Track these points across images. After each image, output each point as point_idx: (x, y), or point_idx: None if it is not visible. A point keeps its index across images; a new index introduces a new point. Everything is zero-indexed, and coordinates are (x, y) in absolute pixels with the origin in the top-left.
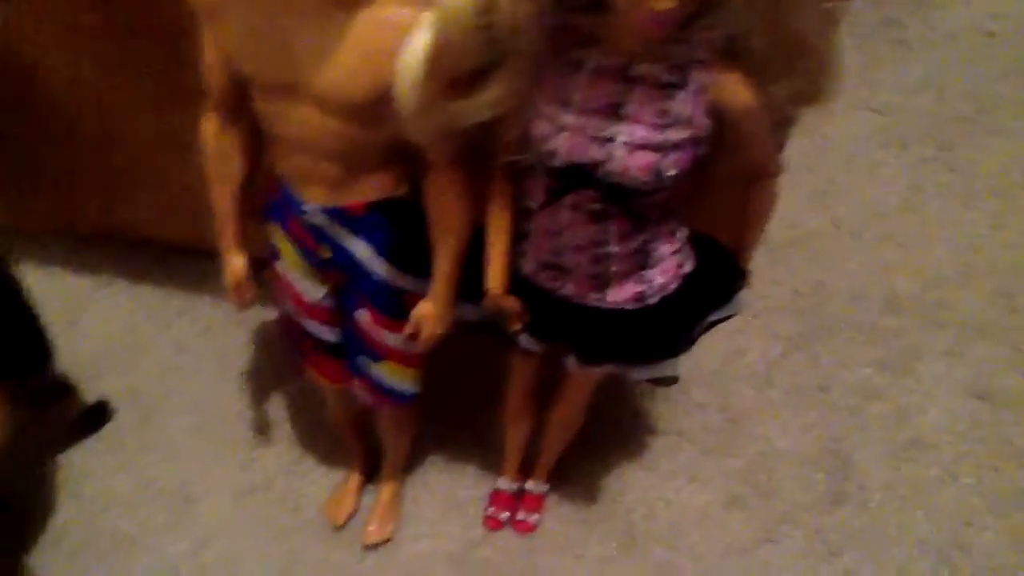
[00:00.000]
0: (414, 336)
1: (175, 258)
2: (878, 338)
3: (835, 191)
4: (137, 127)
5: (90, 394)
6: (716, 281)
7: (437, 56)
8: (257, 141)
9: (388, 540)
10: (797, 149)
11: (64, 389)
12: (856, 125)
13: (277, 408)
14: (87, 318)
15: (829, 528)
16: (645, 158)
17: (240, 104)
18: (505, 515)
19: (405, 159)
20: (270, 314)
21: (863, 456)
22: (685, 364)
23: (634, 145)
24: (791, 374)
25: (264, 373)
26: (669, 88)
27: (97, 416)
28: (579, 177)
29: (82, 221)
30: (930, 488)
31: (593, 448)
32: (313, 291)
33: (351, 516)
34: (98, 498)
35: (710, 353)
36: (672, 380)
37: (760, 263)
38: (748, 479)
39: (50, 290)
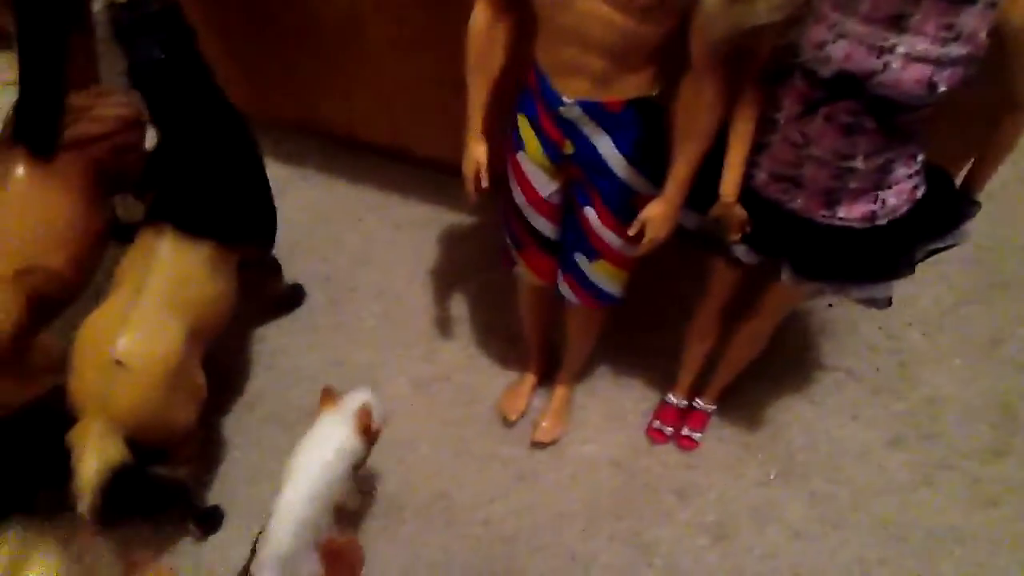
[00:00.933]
0: (636, 238)
1: (369, 157)
2: None
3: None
4: (377, 30)
5: (286, 277)
6: (946, 208)
7: None
8: (520, 36)
9: (557, 440)
10: None
11: (275, 266)
12: None
13: (459, 306)
14: (285, 205)
15: (988, 478)
16: (921, 71)
17: None
18: (670, 429)
19: (667, 59)
20: (456, 218)
21: None
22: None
23: (913, 57)
24: (964, 324)
25: (448, 272)
26: (959, 2)
27: (293, 297)
28: (846, 87)
29: (290, 111)
30: None
31: (763, 377)
32: (546, 185)
33: (523, 414)
34: (290, 373)
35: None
36: (886, 302)
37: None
38: (912, 422)
39: None
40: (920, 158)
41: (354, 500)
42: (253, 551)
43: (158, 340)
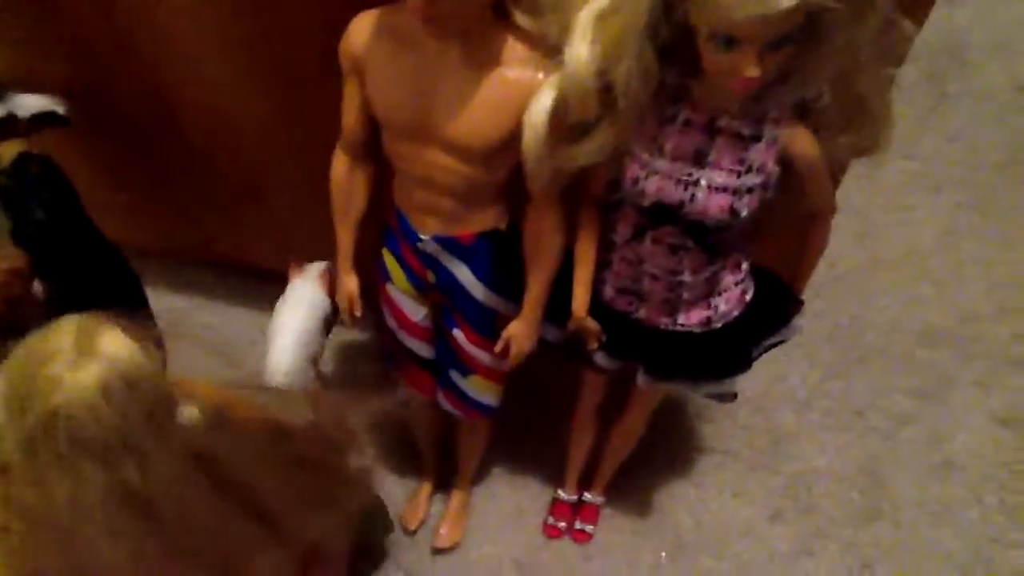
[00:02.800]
0: (503, 353)
1: (264, 282)
2: (912, 368)
3: (874, 232)
4: (273, 166)
5: None
6: (774, 308)
7: (559, 112)
8: (378, 181)
9: (457, 544)
10: (839, 192)
11: None
12: (895, 172)
13: (355, 420)
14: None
15: (863, 543)
16: (723, 200)
17: (368, 146)
18: (564, 524)
19: (511, 195)
20: (352, 335)
21: (895, 476)
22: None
23: (714, 188)
24: (829, 399)
25: (345, 389)
26: (747, 140)
27: None
28: (663, 214)
29: (185, 242)
30: (957, 507)
31: (646, 465)
32: (415, 311)
33: (423, 522)
34: None
35: (754, 378)
36: (731, 396)
37: (803, 296)
38: (788, 495)
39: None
40: (744, 265)
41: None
42: None
43: None
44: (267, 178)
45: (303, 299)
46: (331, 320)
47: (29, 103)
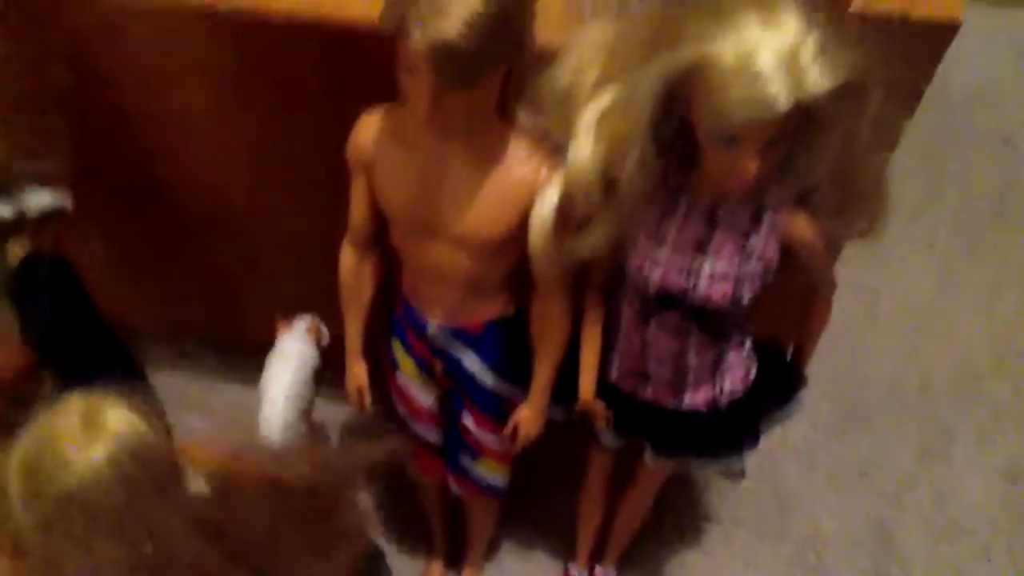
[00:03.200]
0: (512, 437)
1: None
2: (914, 424)
3: (870, 288)
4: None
5: None
6: (778, 384)
7: (565, 208)
8: (385, 271)
9: None
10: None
11: None
12: (889, 229)
13: (364, 500)
14: (189, 416)
15: None
16: (725, 287)
17: (375, 239)
18: None
19: (517, 285)
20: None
21: (904, 537)
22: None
23: (716, 276)
24: (833, 460)
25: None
26: (748, 228)
27: None
28: (667, 301)
29: (187, 321)
30: (966, 567)
31: (656, 536)
32: (425, 398)
33: None
34: None
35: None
36: (740, 473)
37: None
38: (798, 561)
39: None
40: (748, 343)
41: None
42: None
43: None
44: (268, 260)
45: (292, 353)
46: (320, 373)
47: (38, 201)
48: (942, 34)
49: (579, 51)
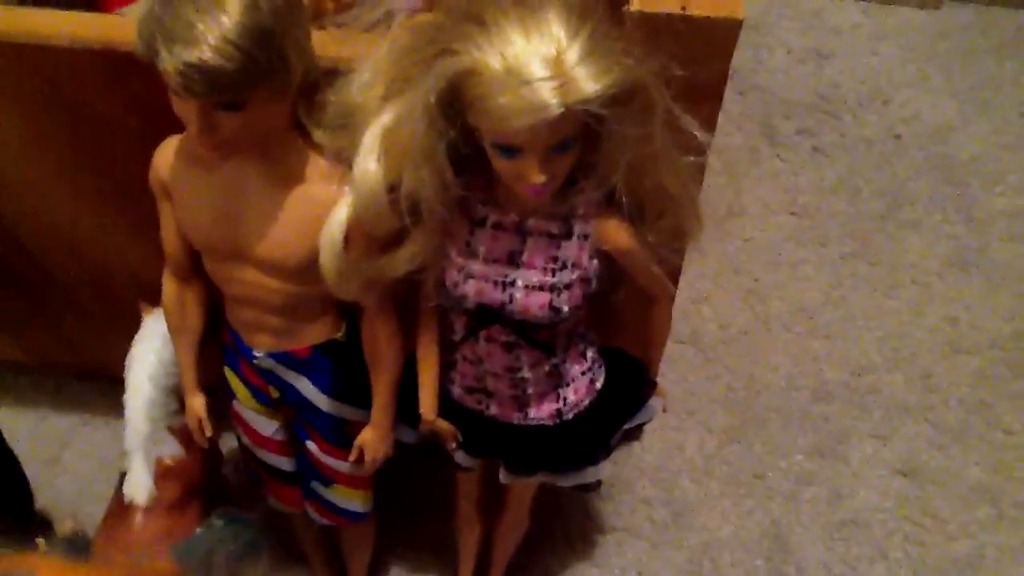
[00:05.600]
0: (359, 460)
1: None
2: (809, 425)
3: (761, 290)
4: (116, 272)
5: (77, 523)
6: (627, 393)
7: (355, 226)
8: (211, 297)
9: None
10: (723, 253)
11: (44, 523)
12: (777, 228)
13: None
14: (69, 456)
15: None
16: (541, 298)
17: (193, 266)
18: None
19: (341, 307)
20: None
21: (799, 539)
22: (628, 462)
23: (531, 287)
24: (728, 464)
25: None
26: (557, 238)
27: (78, 547)
28: (488, 315)
29: (63, 358)
30: (862, 565)
31: (545, 549)
32: (266, 426)
33: None
34: None
35: (651, 450)
36: (595, 486)
37: (693, 361)
38: (693, 570)
39: (36, 429)
40: (591, 353)
41: None
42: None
43: None
44: (116, 287)
45: (156, 333)
46: None
47: None
48: (726, 31)
49: (368, 66)
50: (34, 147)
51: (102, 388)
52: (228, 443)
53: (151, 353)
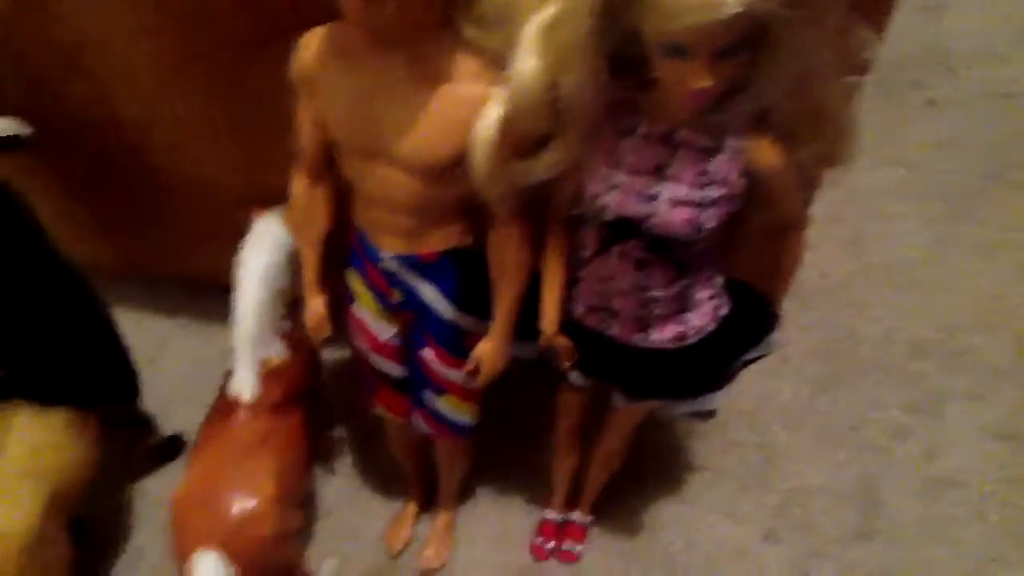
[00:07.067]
0: (474, 372)
1: None
2: (905, 381)
3: (862, 241)
4: (226, 182)
5: (166, 427)
6: (750, 323)
7: (508, 126)
8: (338, 198)
9: (443, 565)
10: (827, 201)
11: (144, 421)
12: (883, 179)
13: (339, 442)
14: (165, 358)
15: (859, 562)
16: (685, 213)
17: (326, 165)
18: (551, 544)
19: (472, 213)
20: (333, 355)
21: (892, 493)
22: (723, 404)
23: (676, 201)
24: (822, 414)
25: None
26: (708, 152)
27: (173, 448)
28: (626, 229)
29: (162, 265)
30: (957, 525)
31: (635, 483)
32: (385, 331)
33: (408, 543)
34: None
35: (746, 394)
36: (710, 414)
37: (793, 309)
38: (782, 514)
39: (135, 330)
40: (718, 280)
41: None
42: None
43: (15, 511)
44: (219, 191)
45: (266, 236)
46: (297, 257)
47: None
48: None
49: None
50: (144, 42)
51: (198, 294)
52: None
53: (262, 255)
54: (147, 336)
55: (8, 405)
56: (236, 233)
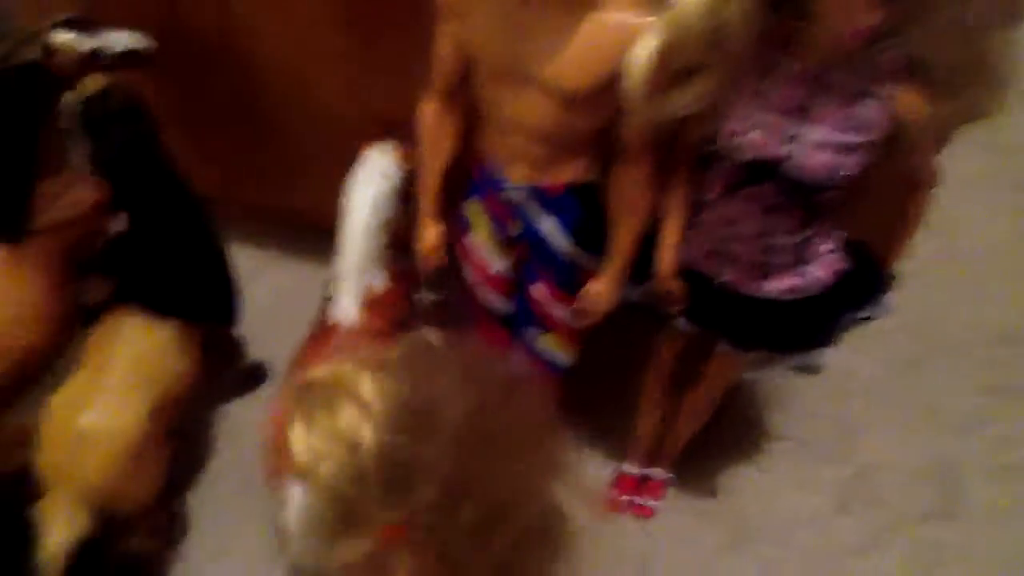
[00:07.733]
0: (581, 311)
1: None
2: (988, 365)
3: (951, 225)
4: (342, 112)
5: (254, 356)
6: (865, 282)
7: (666, 53)
8: (466, 125)
9: None
10: None
11: (237, 344)
12: (974, 164)
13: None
14: (254, 288)
15: (932, 541)
16: (825, 157)
17: (459, 91)
18: (627, 498)
19: (602, 147)
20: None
21: (969, 475)
22: (802, 376)
23: (817, 144)
24: (902, 393)
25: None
26: (856, 96)
27: (257, 375)
28: (760, 171)
29: (265, 196)
30: None
31: (713, 447)
32: (497, 262)
33: None
34: (253, 448)
35: (827, 368)
36: (816, 369)
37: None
38: (857, 487)
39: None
40: (840, 233)
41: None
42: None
43: (122, 415)
44: (337, 124)
45: (375, 167)
46: (406, 190)
47: (119, 39)
48: None
49: None
50: None
51: (290, 230)
52: None
53: (371, 185)
54: (239, 267)
55: (120, 311)
56: (343, 169)
